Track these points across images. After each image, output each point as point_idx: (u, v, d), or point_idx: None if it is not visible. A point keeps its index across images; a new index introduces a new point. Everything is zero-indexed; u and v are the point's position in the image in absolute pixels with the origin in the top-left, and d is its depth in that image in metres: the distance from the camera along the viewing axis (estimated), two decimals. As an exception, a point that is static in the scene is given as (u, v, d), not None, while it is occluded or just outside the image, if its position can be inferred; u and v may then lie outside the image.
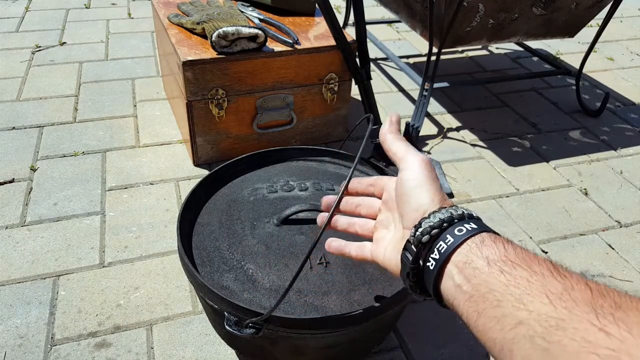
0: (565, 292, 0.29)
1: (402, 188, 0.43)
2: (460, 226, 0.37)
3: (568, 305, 0.28)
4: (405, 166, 0.43)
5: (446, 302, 0.37)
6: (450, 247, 0.36)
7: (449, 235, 0.37)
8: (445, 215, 0.38)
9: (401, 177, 0.43)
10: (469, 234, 0.36)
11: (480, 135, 1.40)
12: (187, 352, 0.80)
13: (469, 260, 0.34)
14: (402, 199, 0.43)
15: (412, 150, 0.44)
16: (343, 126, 1.31)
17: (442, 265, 0.36)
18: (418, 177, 0.42)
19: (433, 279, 0.37)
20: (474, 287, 0.33)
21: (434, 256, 0.37)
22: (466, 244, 0.36)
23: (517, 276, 0.31)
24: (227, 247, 0.70)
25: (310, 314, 0.62)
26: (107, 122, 1.34)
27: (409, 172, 0.43)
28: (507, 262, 0.33)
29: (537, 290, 0.30)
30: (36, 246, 0.97)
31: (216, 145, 1.19)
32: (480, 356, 0.83)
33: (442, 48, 1.24)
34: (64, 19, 1.91)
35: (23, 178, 1.14)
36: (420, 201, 0.41)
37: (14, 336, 0.81)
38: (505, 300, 0.31)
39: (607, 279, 0.98)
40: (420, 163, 0.43)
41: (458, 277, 0.35)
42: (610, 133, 1.44)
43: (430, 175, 0.42)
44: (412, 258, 0.39)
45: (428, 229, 0.38)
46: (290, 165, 0.87)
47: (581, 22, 1.34)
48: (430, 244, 0.38)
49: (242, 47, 1.07)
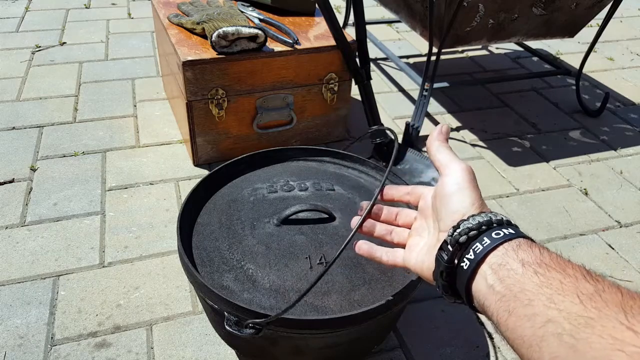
0: (596, 293, 0.29)
1: (442, 191, 0.44)
2: (499, 230, 0.38)
3: (598, 305, 0.28)
4: (448, 172, 0.44)
5: (476, 304, 0.37)
6: (486, 248, 0.37)
7: (486, 237, 0.37)
8: (484, 218, 0.39)
9: (442, 182, 0.44)
10: (505, 238, 0.37)
11: (480, 135, 1.40)
12: (187, 352, 0.80)
13: (504, 262, 0.35)
14: (442, 201, 0.43)
15: (456, 159, 0.45)
16: (343, 126, 1.31)
17: (476, 265, 0.37)
18: (459, 182, 0.43)
19: (466, 279, 0.37)
20: (506, 287, 0.34)
21: (469, 256, 0.38)
22: (502, 247, 0.36)
23: (550, 277, 0.32)
24: (227, 247, 0.70)
25: (310, 314, 0.62)
26: (107, 122, 1.34)
27: (451, 178, 0.44)
28: (541, 265, 0.33)
29: (569, 290, 0.30)
30: (36, 246, 0.97)
31: (216, 145, 1.19)
32: (480, 356, 0.83)
33: (442, 48, 1.24)
34: (64, 19, 1.91)
35: (23, 178, 1.14)
36: (460, 205, 0.42)
37: (14, 336, 0.81)
38: (536, 299, 0.31)
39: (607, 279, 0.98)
40: (463, 170, 0.44)
41: (491, 278, 0.35)
42: (610, 133, 1.44)
43: (472, 182, 0.43)
44: (448, 257, 0.39)
45: (466, 230, 0.39)
46: (290, 165, 0.87)
47: (581, 22, 1.34)
48: (467, 245, 0.38)
49: (242, 47, 1.07)
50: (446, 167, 0.45)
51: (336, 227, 0.72)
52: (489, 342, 0.85)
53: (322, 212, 0.72)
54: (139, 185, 1.14)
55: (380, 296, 0.66)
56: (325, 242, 0.69)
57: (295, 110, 1.21)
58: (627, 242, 1.08)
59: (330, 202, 0.76)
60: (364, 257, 0.51)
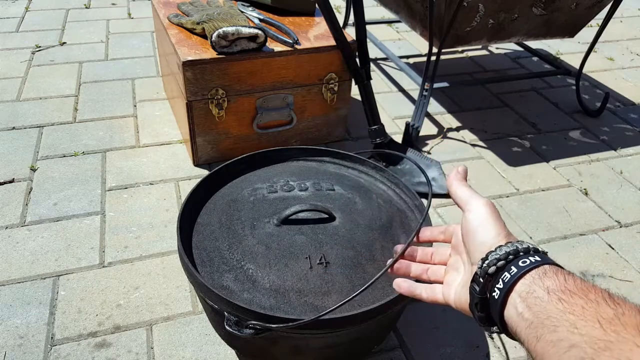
0: (615, 317, 0.31)
1: (467, 226, 0.46)
2: (525, 259, 0.39)
3: (617, 329, 0.30)
4: (470, 208, 0.46)
5: (510, 330, 0.39)
6: (513, 277, 0.39)
7: (514, 266, 0.39)
8: (511, 248, 0.41)
9: (466, 217, 0.46)
10: (531, 266, 0.39)
11: (480, 135, 1.40)
12: (187, 352, 0.80)
13: (531, 290, 0.37)
14: (468, 237, 0.46)
15: (476, 195, 0.48)
16: (343, 126, 1.31)
17: (505, 294, 0.39)
18: (482, 215, 0.45)
19: (498, 308, 0.39)
20: (534, 315, 0.36)
21: (499, 286, 0.39)
22: (529, 275, 0.38)
23: (573, 304, 0.34)
24: (227, 247, 0.70)
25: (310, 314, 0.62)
26: (107, 122, 1.34)
27: (474, 213, 0.46)
28: (565, 292, 0.35)
29: (591, 315, 0.32)
30: (36, 246, 0.97)
31: (216, 145, 1.19)
32: (480, 356, 0.83)
33: (442, 48, 1.24)
34: (64, 19, 1.91)
35: (23, 178, 1.14)
36: (485, 237, 0.44)
37: (14, 336, 0.81)
38: (561, 325, 0.33)
39: (607, 279, 0.98)
40: (484, 204, 0.46)
41: (521, 306, 0.37)
42: (610, 133, 1.44)
43: (494, 214, 0.45)
44: (480, 289, 0.41)
45: (494, 261, 0.41)
46: (290, 165, 0.87)
47: (581, 22, 1.34)
48: (497, 275, 0.40)
49: (242, 47, 1.07)
50: (467, 204, 0.47)
51: (336, 227, 0.72)
52: (489, 342, 0.85)
53: (322, 212, 0.72)
54: (139, 185, 1.14)
55: (380, 296, 0.66)
56: (325, 242, 0.69)
57: (295, 110, 1.21)
58: (627, 242, 1.08)
59: (330, 202, 0.76)
60: (405, 295, 0.52)
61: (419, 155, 1.23)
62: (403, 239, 0.74)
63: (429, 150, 1.32)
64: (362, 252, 0.69)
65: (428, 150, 1.32)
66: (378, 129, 1.20)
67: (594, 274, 0.99)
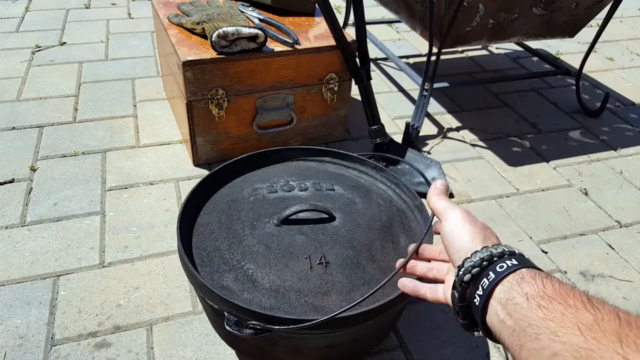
0: (595, 323, 0.32)
1: (445, 236, 0.47)
2: (502, 263, 0.40)
3: (597, 336, 0.31)
4: (446, 218, 0.47)
5: (494, 336, 0.39)
6: (491, 283, 0.39)
7: (491, 272, 0.39)
8: (485, 254, 0.41)
9: (443, 227, 0.47)
10: (508, 270, 0.39)
11: (480, 135, 1.40)
12: (187, 352, 0.80)
13: (511, 297, 0.37)
14: (446, 245, 0.46)
15: (452, 205, 0.49)
16: (343, 126, 1.31)
17: (485, 301, 0.39)
18: (456, 222, 0.46)
19: (480, 315, 0.39)
20: (515, 322, 0.36)
21: (479, 292, 0.40)
22: (507, 280, 0.38)
23: (552, 310, 0.34)
24: (227, 247, 0.70)
25: (310, 314, 0.62)
26: (107, 122, 1.34)
27: (449, 222, 0.47)
28: (544, 297, 0.35)
29: (570, 322, 0.32)
30: (36, 246, 0.97)
31: (216, 145, 1.19)
32: (480, 356, 0.83)
33: (442, 48, 1.24)
34: (64, 19, 1.91)
35: (23, 178, 1.14)
36: (460, 243, 0.44)
37: (14, 336, 0.81)
38: (542, 333, 0.33)
39: (607, 279, 0.98)
40: (458, 213, 0.47)
41: (502, 313, 0.37)
42: (610, 133, 1.44)
43: (468, 219, 0.46)
44: (459, 296, 0.42)
45: (469, 268, 0.41)
46: (290, 165, 0.87)
47: (581, 22, 1.34)
48: (474, 281, 0.41)
49: (242, 47, 1.07)
50: (443, 214, 0.48)
51: (336, 227, 0.72)
52: (489, 342, 0.85)
53: (322, 212, 0.72)
54: (139, 185, 1.14)
55: (380, 296, 0.66)
56: (325, 242, 0.69)
57: (295, 110, 1.21)
58: (627, 242, 1.08)
59: (330, 202, 0.76)
60: (409, 294, 0.53)
61: (419, 155, 1.23)
62: (403, 239, 0.74)
63: (429, 150, 1.32)
64: (362, 252, 0.69)
65: (428, 150, 1.32)
66: (378, 129, 1.20)
67: (594, 274, 0.99)
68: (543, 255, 1.03)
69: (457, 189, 1.19)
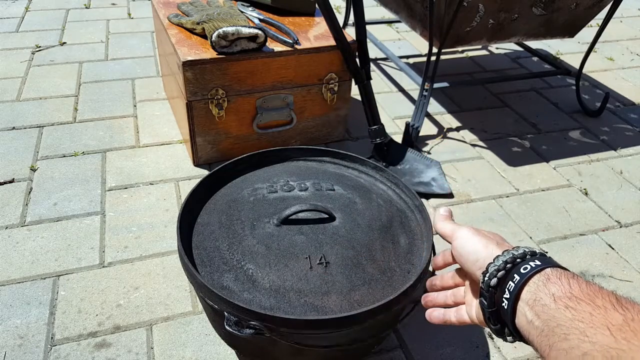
0: (625, 323, 0.32)
1: (459, 254, 0.47)
2: (526, 264, 0.40)
3: (627, 336, 0.31)
4: (455, 237, 0.48)
5: (525, 338, 0.39)
6: (517, 285, 0.39)
7: (516, 274, 0.40)
8: (507, 256, 0.41)
9: (454, 247, 0.48)
10: (533, 271, 0.39)
11: (480, 135, 1.40)
12: (187, 352, 0.80)
13: (538, 298, 0.37)
14: (462, 262, 0.47)
15: (458, 225, 0.50)
16: (343, 126, 1.31)
17: (513, 303, 0.39)
18: (466, 237, 0.47)
19: (509, 318, 0.40)
20: (543, 323, 0.36)
21: (506, 296, 0.40)
22: (532, 281, 0.39)
23: (581, 311, 0.34)
24: (227, 247, 0.70)
25: (310, 314, 0.62)
26: (107, 122, 1.34)
27: (458, 240, 0.48)
28: (571, 298, 0.35)
29: (600, 323, 0.33)
30: (36, 246, 0.97)
31: (216, 145, 1.19)
32: (480, 356, 0.83)
33: (442, 48, 1.24)
34: (64, 19, 1.91)
35: (23, 178, 1.14)
36: (475, 253, 0.45)
37: (14, 336, 0.81)
38: (571, 333, 0.33)
39: (607, 279, 0.98)
40: (466, 229, 0.48)
41: (529, 314, 0.38)
42: (610, 133, 1.44)
43: (477, 232, 0.47)
44: (488, 303, 0.42)
45: (494, 272, 0.41)
46: (290, 165, 0.87)
47: (581, 22, 1.34)
48: (501, 285, 0.41)
49: (242, 47, 1.07)
50: (452, 235, 0.49)
51: (336, 227, 0.72)
52: (489, 342, 0.85)
53: (322, 212, 0.72)
54: (139, 185, 1.14)
55: (380, 296, 0.66)
56: (325, 242, 0.69)
57: (295, 110, 1.21)
58: (627, 242, 1.08)
59: (330, 202, 0.76)
60: (437, 324, 0.54)
61: (419, 155, 1.23)
62: (403, 239, 0.74)
63: (429, 150, 1.32)
64: (362, 252, 0.69)
65: (428, 150, 1.32)
66: (378, 129, 1.20)
67: (594, 274, 0.99)
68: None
69: (457, 189, 1.19)
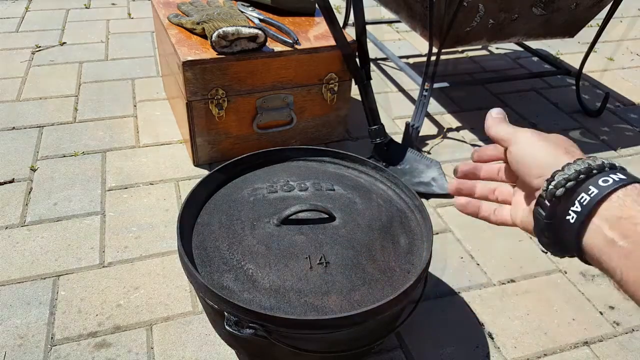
0: None
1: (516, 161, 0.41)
2: (605, 177, 0.34)
3: None
4: (514, 142, 0.41)
5: (590, 257, 0.35)
6: (594, 198, 0.34)
7: (592, 186, 0.34)
8: (582, 166, 0.36)
9: (510, 151, 0.41)
10: (616, 185, 0.34)
11: (480, 135, 1.40)
12: (187, 352, 0.80)
13: (624, 215, 0.32)
14: (520, 169, 0.41)
15: (518, 128, 0.42)
16: (343, 126, 1.31)
17: (585, 218, 0.34)
18: (529, 142, 0.40)
19: (574, 233, 0.35)
20: (634, 243, 0.31)
21: (575, 209, 0.35)
22: (616, 196, 0.33)
23: None
24: (227, 247, 0.70)
25: (310, 314, 0.62)
26: (107, 122, 1.34)
27: (520, 144, 0.41)
28: None
29: None
30: (36, 246, 0.97)
31: (216, 145, 1.19)
32: (480, 356, 0.83)
33: (442, 48, 1.24)
34: (64, 19, 1.91)
35: (23, 178, 1.13)
36: (539, 158, 0.39)
37: (14, 336, 0.81)
38: None
39: (607, 279, 0.98)
40: (528, 133, 0.41)
41: (610, 233, 0.33)
42: (610, 133, 1.44)
43: (542, 136, 0.40)
44: (546, 213, 0.37)
45: (563, 182, 0.36)
46: (290, 165, 0.87)
47: (581, 22, 1.34)
48: (568, 197, 0.35)
49: (242, 47, 1.07)
50: (510, 139, 0.42)
51: (336, 227, 0.72)
52: (489, 342, 0.85)
53: (322, 212, 0.72)
54: (139, 185, 1.14)
55: (380, 296, 0.66)
56: (325, 242, 0.69)
57: (295, 110, 1.21)
58: (627, 242, 1.07)
59: (330, 202, 0.76)
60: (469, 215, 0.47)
61: (419, 155, 1.23)
62: (403, 239, 0.74)
63: (429, 150, 1.32)
64: (362, 252, 0.69)
65: (428, 150, 1.32)
66: (378, 129, 1.20)
67: (594, 274, 0.99)
68: (543, 255, 1.03)
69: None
